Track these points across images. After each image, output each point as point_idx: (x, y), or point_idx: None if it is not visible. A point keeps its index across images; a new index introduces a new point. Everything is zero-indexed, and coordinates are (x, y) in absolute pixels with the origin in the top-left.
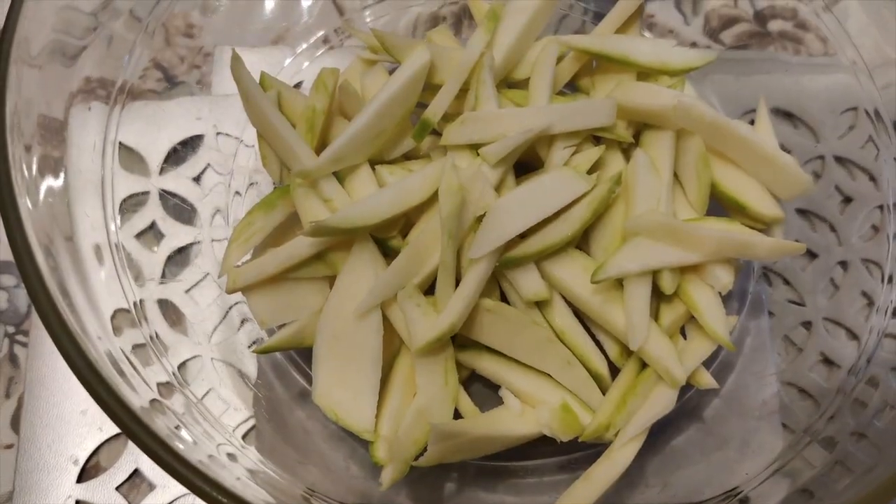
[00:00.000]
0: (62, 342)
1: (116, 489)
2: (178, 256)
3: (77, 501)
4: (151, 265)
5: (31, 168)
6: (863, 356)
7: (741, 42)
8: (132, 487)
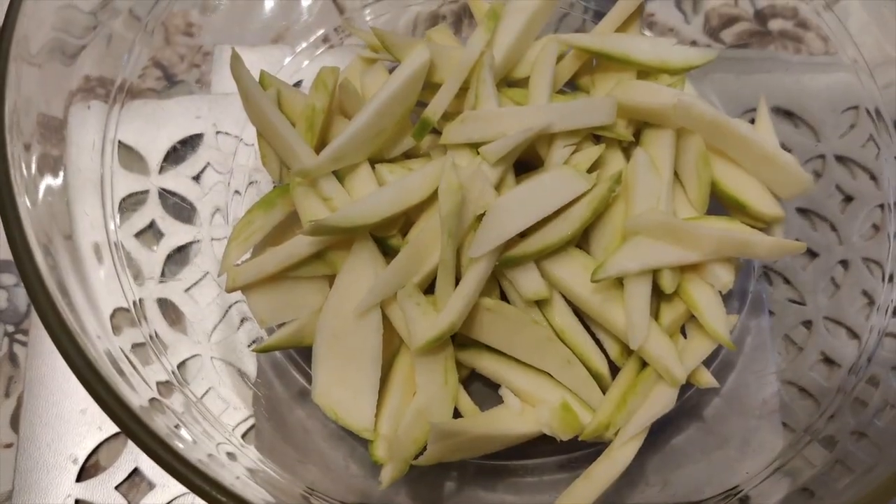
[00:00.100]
0: (61, 341)
1: (116, 488)
2: (178, 255)
3: (76, 500)
4: (151, 264)
5: (31, 167)
6: (863, 355)
7: (741, 41)
8: (132, 486)
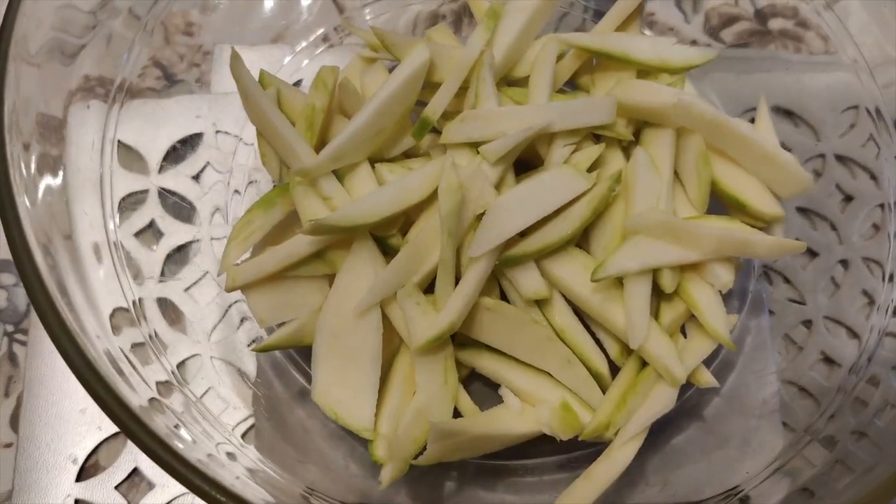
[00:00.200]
0: (61, 341)
1: (115, 488)
2: (178, 255)
3: (76, 500)
4: (150, 264)
5: (30, 166)
6: (863, 355)
7: (742, 40)
8: (131, 486)
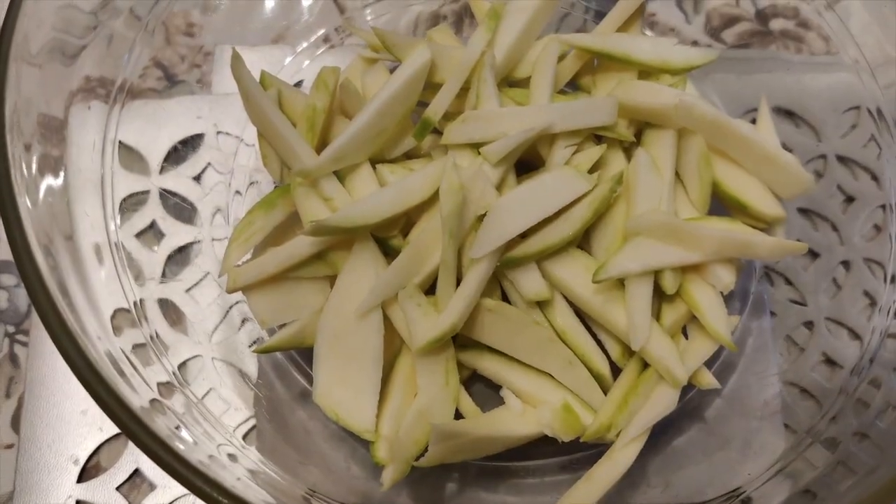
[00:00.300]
0: (62, 342)
1: (117, 489)
2: (179, 256)
3: (77, 501)
4: (151, 264)
5: (31, 167)
6: (865, 356)
7: (743, 41)
8: (133, 487)
